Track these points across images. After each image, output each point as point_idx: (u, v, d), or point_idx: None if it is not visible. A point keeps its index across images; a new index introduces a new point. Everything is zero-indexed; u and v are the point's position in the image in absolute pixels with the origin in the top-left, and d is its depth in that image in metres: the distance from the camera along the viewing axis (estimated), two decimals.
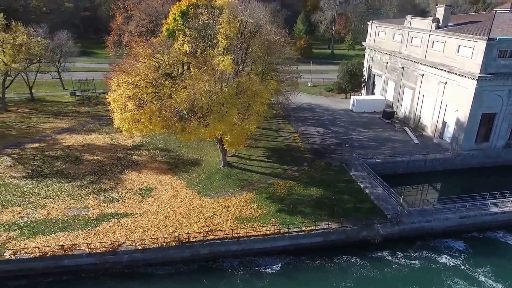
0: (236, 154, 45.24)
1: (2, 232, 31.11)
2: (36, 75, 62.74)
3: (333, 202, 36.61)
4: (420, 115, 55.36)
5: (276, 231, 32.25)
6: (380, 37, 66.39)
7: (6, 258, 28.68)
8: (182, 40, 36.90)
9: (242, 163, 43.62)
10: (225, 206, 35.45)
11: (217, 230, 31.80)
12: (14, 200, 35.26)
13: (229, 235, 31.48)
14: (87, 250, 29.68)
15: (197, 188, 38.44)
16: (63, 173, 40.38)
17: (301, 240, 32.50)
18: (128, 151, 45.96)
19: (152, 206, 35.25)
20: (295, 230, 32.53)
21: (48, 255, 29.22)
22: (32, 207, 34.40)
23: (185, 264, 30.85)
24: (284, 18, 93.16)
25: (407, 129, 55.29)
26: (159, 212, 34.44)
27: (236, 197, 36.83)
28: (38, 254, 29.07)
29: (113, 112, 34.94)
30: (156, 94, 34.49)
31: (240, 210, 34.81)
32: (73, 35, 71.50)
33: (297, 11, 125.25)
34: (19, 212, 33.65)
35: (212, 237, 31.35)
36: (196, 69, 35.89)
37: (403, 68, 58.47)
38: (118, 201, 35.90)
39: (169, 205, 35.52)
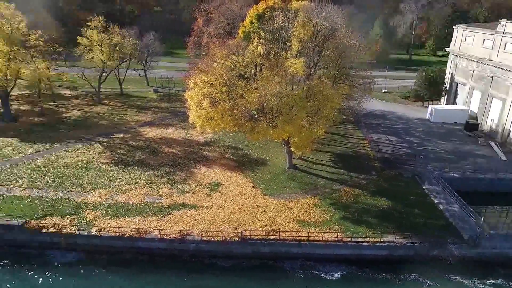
0: (302, 157, 44.93)
1: (91, 210, 34.81)
2: (126, 72, 69.17)
3: (401, 215, 34.42)
4: (510, 130, 49.35)
5: (339, 238, 31.35)
6: (467, 42, 60.58)
7: (92, 234, 32.11)
8: (257, 42, 37.79)
9: (307, 167, 43.18)
10: (288, 207, 35.43)
11: (279, 231, 31.91)
12: (102, 183, 39.23)
13: (290, 237, 31.40)
14: (159, 235, 31.84)
15: (262, 187, 39.00)
16: (143, 162, 43.85)
17: (365, 251, 31.11)
18: (200, 147, 48.36)
19: (218, 201, 36.62)
20: (358, 239, 31.28)
21: (126, 235, 31.97)
22: (115, 191, 37.92)
23: (246, 260, 31.48)
24: (360, 22, 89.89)
25: (493, 144, 49.66)
26: (225, 207, 35.65)
27: (299, 200, 36.59)
28: (118, 234, 31.98)
29: (189, 109, 37.11)
30: (229, 93, 35.78)
31: (303, 214, 34.50)
32: (159, 36, 77.26)
33: (374, 14, 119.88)
34: (105, 194, 37.31)
35: (273, 237, 31.56)
36: (268, 71, 36.50)
37: (492, 76, 52.67)
38: (189, 192, 37.94)
39: (235, 201, 36.57)
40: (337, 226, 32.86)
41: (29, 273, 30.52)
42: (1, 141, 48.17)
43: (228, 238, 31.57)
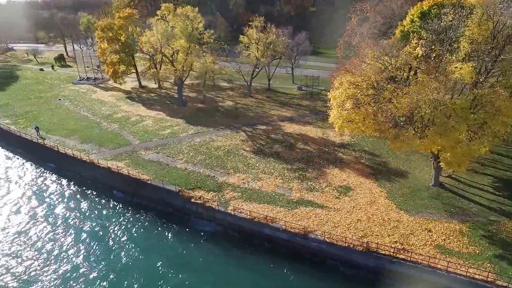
0: (453, 176, 38.57)
1: (230, 191, 38.35)
2: (275, 69, 73.10)
3: None
4: None
5: (489, 279, 25.74)
6: None
7: (228, 211, 35.37)
8: (416, 43, 33.97)
9: (458, 188, 36.93)
10: (425, 228, 31.11)
11: (411, 251, 28.36)
12: (242, 168, 42.70)
13: (424, 261, 27.52)
14: (284, 226, 32.62)
15: (397, 200, 35.39)
16: (278, 155, 45.67)
17: None
18: (335, 148, 47.18)
19: (347, 205, 35.06)
20: None
21: (255, 220, 33.98)
22: (252, 178, 40.70)
23: (368, 272, 29.25)
24: None
25: None
26: (353, 213, 33.87)
27: (441, 223, 31.64)
28: (248, 217, 34.28)
29: (330, 109, 36.42)
30: (375, 96, 33.42)
31: (444, 239, 29.70)
32: (310, 35, 78.45)
33: None
34: (243, 179, 40.48)
35: (403, 256, 28.28)
36: (425, 75, 32.43)
37: None
38: (318, 191, 37.59)
39: (364, 209, 34.33)
40: (488, 264, 27.08)
41: (178, 233, 35.94)
42: (173, 120, 57.98)
43: (351, 246, 29.92)
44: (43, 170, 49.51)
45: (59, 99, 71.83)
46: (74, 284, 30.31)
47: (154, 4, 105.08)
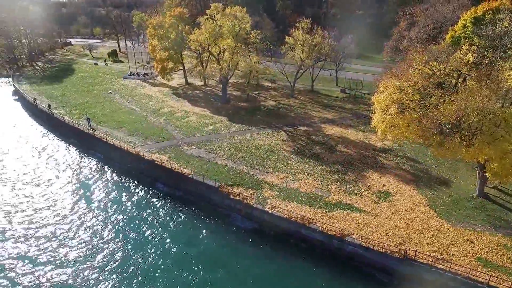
0: (499, 187, 37.26)
1: (268, 189, 39.58)
2: (319, 71, 73.44)
3: None
4: None
5: None
6: None
7: (266, 209, 36.58)
8: (467, 49, 33.26)
9: (505, 200, 35.63)
10: (467, 239, 30.52)
11: (451, 262, 28.06)
12: (280, 168, 43.85)
13: (464, 273, 27.16)
14: (320, 228, 33.21)
15: (438, 209, 34.86)
16: (318, 156, 46.29)
17: None
18: (376, 152, 46.96)
19: (385, 211, 35.09)
20: None
21: (291, 219, 34.83)
22: (290, 177, 41.68)
23: (405, 280, 29.28)
24: None
25: None
26: (391, 219, 33.88)
27: (485, 235, 30.86)
28: (285, 216, 35.25)
29: (374, 113, 36.58)
30: (421, 102, 33.20)
31: (487, 252, 29.01)
32: (355, 38, 77.95)
33: None
34: (282, 178, 41.56)
35: (442, 267, 28.05)
36: (475, 82, 31.76)
37: None
38: (356, 195, 37.87)
39: (403, 216, 34.21)
40: None
41: (215, 228, 37.64)
42: (216, 118, 60.44)
43: (388, 252, 30.08)
44: (91, 159, 53.49)
45: (110, 93, 77.09)
46: (109, 270, 31.93)
47: (203, 3, 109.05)
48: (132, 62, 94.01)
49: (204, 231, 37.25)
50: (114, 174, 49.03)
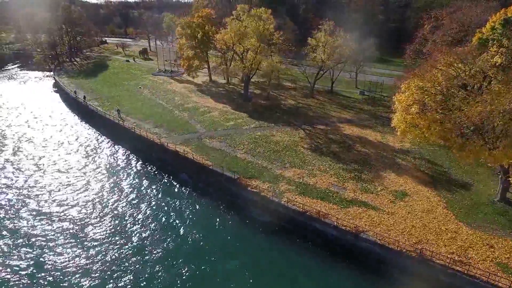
0: None
1: (285, 183, 38.59)
2: (339, 73, 71.58)
3: None
4: None
5: None
6: None
7: (282, 202, 35.70)
8: (495, 51, 31.16)
9: None
10: (487, 244, 28.53)
11: (469, 265, 26.25)
12: (298, 164, 42.73)
13: (483, 277, 25.32)
14: (335, 223, 32.04)
15: (457, 212, 32.86)
16: (335, 155, 44.83)
17: None
18: (394, 153, 45.00)
19: (402, 210, 33.40)
20: None
21: (307, 213, 33.82)
22: (307, 173, 40.52)
23: (419, 280, 27.63)
24: None
25: None
26: (407, 218, 32.19)
27: (506, 241, 28.76)
28: (301, 209, 34.25)
29: (394, 112, 34.91)
30: (443, 103, 31.32)
31: (508, 258, 26.99)
32: (376, 42, 75.34)
33: None
34: (298, 174, 40.44)
35: (459, 269, 26.27)
36: (501, 85, 29.68)
37: None
38: (372, 193, 36.30)
39: (420, 216, 32.44)
40: None
41: (232, 219, 37.01)
42: (237, 114, 59.83)
43: (404, 250, 28.49)
44: (119, 147, 54.10)
45: (139, 87, 77.99)
46: (128, 258, 31.63)
47: (229, 5, 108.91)
48: (160, 60, 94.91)
49: (220, 221, 36.74)
50: (138, 162, 49.35)
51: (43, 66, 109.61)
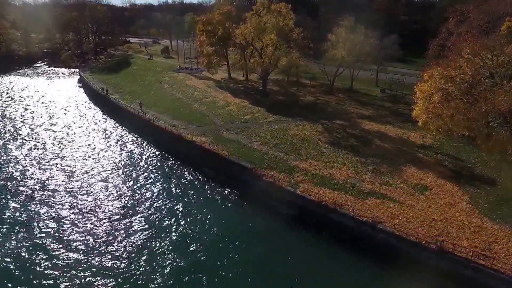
0: None
1: (300, 174, 37.95)
2: (359, 70, 70.34)
3: None
4: None
5: None
6: None
7: (297, 192, 35.05)
8: None
9: None
10: None
11: (493, 259, 24.83)
12: (314, 156, 42.00)
13: (508, 271, 23.86)
14: (352, 213, 31.18)
15: (481, 206, 31.30)
16: (353, 148, 43.82)
17: None
18: (415, 148, 43.55)
19: (422, 204, 32.11)
20: None
21: (323, 203, 33.03)
22: (324, 165, 39.74)
23: (438, 274, 26.32)
24: None
25: None
26: (428, 211, 30.90)
27: None
28: (317, 200, 33.50)
29: (415, 103, 33.78)
30: (469, 92, 30.02)
31: None
32: (399, 41, 73.65)
33: None
34: (315, 166, 39.74)
35: (482, 263, 24.89)
36: None
37: None
38: (391, 186, 35.14)
39: (441, 210, 31.07)
40: None
41: (247, 209, 36.51)
42: (255, 108, 59.69)
43: (423, 242, 27.28)
44: (138, 137, 54.95)
45: (160, 83, 79.35)
46: (143, 248, 30.98)
47: (250, 3, 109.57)
48: (181, 58, 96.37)
49: (235, 211, 36.31)
50: (157, 152, 49.92)
51: (70, 64, 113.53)
